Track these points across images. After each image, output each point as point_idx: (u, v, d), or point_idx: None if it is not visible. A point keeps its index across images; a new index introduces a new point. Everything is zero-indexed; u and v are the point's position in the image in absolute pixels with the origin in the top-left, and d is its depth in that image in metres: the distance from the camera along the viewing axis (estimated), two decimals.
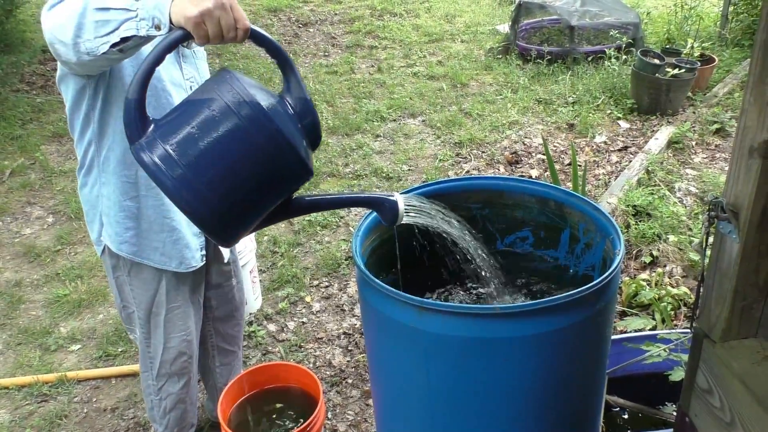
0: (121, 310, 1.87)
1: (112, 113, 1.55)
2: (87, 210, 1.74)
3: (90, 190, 1.69)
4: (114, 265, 1.77)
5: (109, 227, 1.69)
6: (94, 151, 1.62)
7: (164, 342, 1.86)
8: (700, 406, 1.48)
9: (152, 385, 1.94)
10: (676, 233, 3.11)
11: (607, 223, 1.43)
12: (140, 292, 1.79)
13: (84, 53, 1.27)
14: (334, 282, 3.20)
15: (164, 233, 1.71)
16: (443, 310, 1.18)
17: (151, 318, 1.83)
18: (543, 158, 4.35)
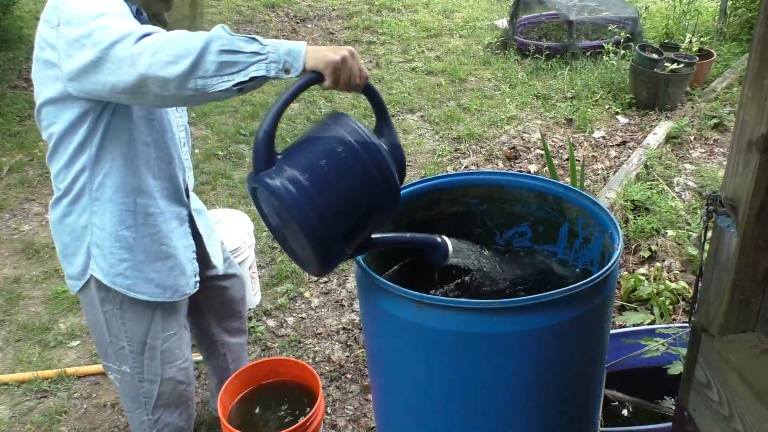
0: (107, 347, 1.72)
1: (114, 138, 1.51)
2: (67, 242, 1.60)
3: (76, 220, 1.57)
4: (103, 299, 1.64)
5: (101, 259, 1.59)
6: (86, 177, 1.52)
7: (161, 374, 1.76)
8: (698, 400, 1.48)
9: (147, 421, 1.81)
10: (675, 228, 3.12)
11: (605, 217, 1.43)
12: (133, 325, 1.68)
13: (190, 89, 1.26)
14: (333, 277, 3.20)
15: (159, 262, 1.65)
16: (442, 305, 1.18)
17: (145, 351, 1.71)
18: (541, 153, 4.35)
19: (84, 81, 1.37)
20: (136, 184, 1.56)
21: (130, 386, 1.77)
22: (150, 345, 1.71)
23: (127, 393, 1.79)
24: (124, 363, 1.72)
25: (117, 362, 1.73)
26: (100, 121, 1.48)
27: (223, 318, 2.08)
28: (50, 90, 1.46)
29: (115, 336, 1.69)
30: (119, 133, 1.51)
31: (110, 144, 1.51)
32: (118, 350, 1.71)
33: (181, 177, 1.70)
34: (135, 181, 1.56)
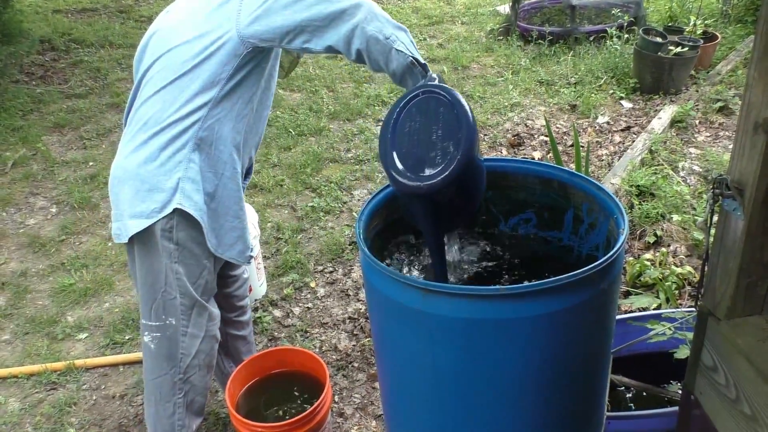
0: (156, 299, 1.76)
1: (241, 91, 1.66)
2: (147, 179, 1.66)
3: (172, 155, 1.65)
4: (164, 248, 1.70)
5: (195, 193, 1.68)
6: (203, 114, 1.63)
7: (205, 330, 1.84)
8: (705, 383, 1.48)
9: (178, 382, 1.85)
10: (680, 212, 3.11)
11: (610, 202, 1.42)
12: (188, 279, 1.75)
13: (379, 51, 1.52)
14: (339, 267, 3.20)
15: (230, 218, 1.76)
16: (448, 292, 1.18)
17: (195, 306, 1.79)
18: (545, 140, 4.33)
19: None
20: (235, 140, 1.71)
21: (171, 341, 1.81)
22: (199, 302, 1.80)
23: (165, 351, 1.83)
24: (171, 315, 1.78)
25: (164, 315, 1.78)
26: (240, 71, 1.63)
27: (227, 311, 2.10)
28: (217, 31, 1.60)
29: (170, 285, 1.75)
30: (245, 89, 1.67)
31: (235, 94, 1.66)
32: (168, 300, 1.76)
33: (251, 155, 1.88)
34: (236, 136, 1.71)
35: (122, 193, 1.71)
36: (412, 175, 1.33)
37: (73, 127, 4.86)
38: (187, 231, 1.70)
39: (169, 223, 1.68)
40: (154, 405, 1.89)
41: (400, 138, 1.38)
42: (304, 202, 3.79)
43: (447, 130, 1.33)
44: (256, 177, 4.04)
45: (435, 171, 1.31)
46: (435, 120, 1.35)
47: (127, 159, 1.69)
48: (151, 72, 1.69)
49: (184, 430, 1.91)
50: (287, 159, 4.28)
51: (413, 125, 1.37)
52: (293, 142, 4.50)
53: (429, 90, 1.39)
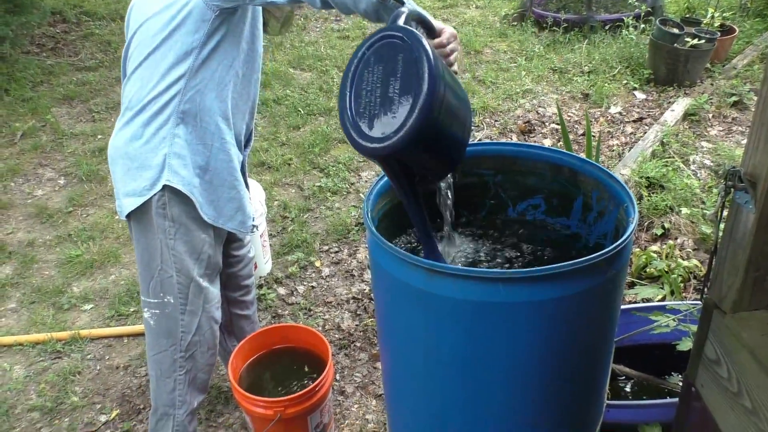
0: (153, 277, 1.76)
1: (218, 57, 1.62)
2: (136, 156, 1.65)
3: (155, 132, 1.63)
4: (159, 225, 1.70)
5: (183, 169, 1.66)
6: (181, 86, 1.61)
7: (202, 309, 1.82)
8: (706, 376, 1.48)
9: (179, 359, 1.85)
10: (689, 206, 3.09)
11: (621, 191, 1.41)
12: (183, 258, 1.74)
13: None
14: (344, 248, 3.21)
15: (226, 189, 1.74)
16: (453, 274, 1.18)
17: (191, 285, 1.78)
18: (556, 128, 4.30)
19: None
20: (221, 109, 1.68)
21: (170, 319, 1.81)
22: (196, 282, 1.78)
23: (164, 328, 1.82)
24: (168, 293, 1.78)
25: (161, 293, 1.78)
26: (213, 37, 1.59)
27: (231, 290, 2.11)
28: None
29: (165, 264, 1.74)
30: (224, 55, 1.63)
31: (213, 62, 1.62)
32: (165, 279, 1.76)
33: (246, 122, 1.83)
34: (221, 105, 1.67)
35: (115, 171, 1.72)
36: (368, 135, 1.19)
37: (83, 99, 4.85)
38: (180, 207, 1.70)
39: (162, 199, 1.67)
40: (155, 379, 1.90)
41: (357, 92, 1.23)
42: (312, 181, 3.79)
43: (405, 81, 1.16)
44: (263, 155, 4.04)
45: (390, 131, 1.15)
46: (393, 70, 1.19)
47: (116, 137, 1.70)
48: (132, 47, 1.70)
49: (185, 405, 1.92)
50: (296, 138, 4.27)
51: (371, 77, 1.22)
52: (302, 121, 4.48)
53: (387, 34, 1.21)
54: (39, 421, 2.29)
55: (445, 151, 1.28)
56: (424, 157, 1.26)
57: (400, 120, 1.15)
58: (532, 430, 1.40)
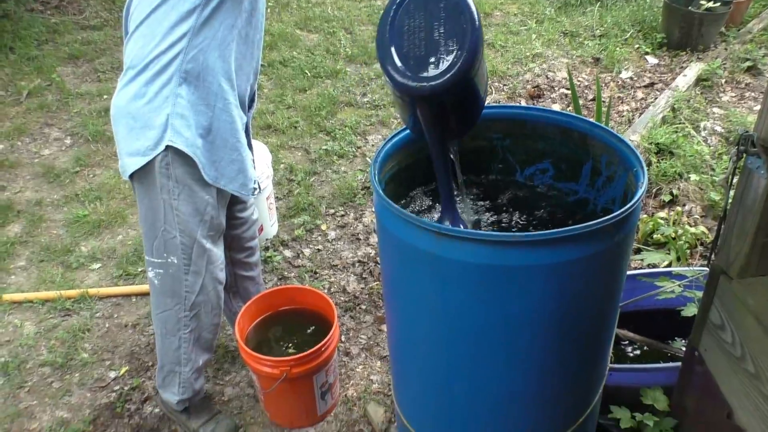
0: (157, 237, 1.77)
1: (220, 17, 1.61)
2: (138, 116, 1.64)
3: (158, 91, 1.62)
4: (163, 185, 1.69)
5: (185, 129, 1.64)
6: (183, 46, 1.59)
7: (205, 270, 1.83)
8: (710, 340, 1.49)
9: (184, 318, 1.87)
10: (698, 173, 3.07)
11: (631, 155, 1.40)
12: (186, 219, 1.74)
13: None
14: (350, 211, 3.21)
15: (228, 151, 1.73)
16: (461, 237, 1.18)
17: (195, 246, 1.78)
18: (566, 93, 4.25)
19: None
20: (224, 69, 1.66)
21: (174, 279, 1.82)
22: (199, 242, 1.79)
23: (169, 288, 1.84)
24: (172, 254, 1.78)
25: (165, 253, 1.79)
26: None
27: (236, 252, 2.12)
28: None
29: (169, 224, 1.75)
30: (226, 15, 1.62)
31: (215, 21, 1.60)
32: (169, 240, 1.77)
33: (250, 83, 1.81)
34: (224, 65, 1.66)
35: (118, 131, 1.70)
36: (414, 75, 1.25)
37: (88, 59, 4.81)
38: (183, 167, 1.69)
39: (165, 160, 1.66)
40: (161, 337, 1.93)
41: (398, 37, 1.29)
42: (318, 145, 3.77)
43: (450, 27, 1.24)
44: (270, 118, 4.01)
45: (439, 71, 1.22)
46: (436, 17, 1.27)
47: (118, 96, 1.68)
48: (133, 5, 1.68)
49: (190, 363, 1.96)
50: (302, 101, 4.23)
51: (412, 23, 1.29)
52: (309, 83, 4.44)
53: None
54: (50, 376, 2.34)
55: (479, 97, 1.37)
56: (461, 103, 1.33)
57: (450, 59, 1.22)
58: (536, 392, 1.42)
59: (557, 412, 1.51)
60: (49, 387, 2.30)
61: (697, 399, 1.62)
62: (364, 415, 2.13)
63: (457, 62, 1.21)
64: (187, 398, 2.00)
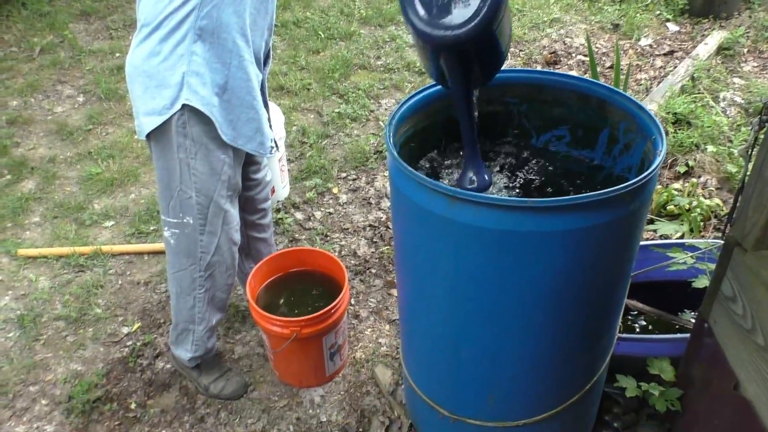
0: (173, 197, 1.76)
1: None
2: (154, 75, 1.63)
3: (173, 49, 1.60)
4: (180, 144, 1.68)
5: (201, 87, 1.63)
6: (196, 3, 1.56)
7: (220, 230, 1.84)
8: (721, 312, 1.49)
9: (198, 278, 1.89)
10: (716, 144, 3.02)
11: (650, 123, 1.37)
12: (203, 179, 1.73)
13: None
14: (362, 175, 3.20)
15: (245, 109, 1.72)
16: (475, 201, 1.17)
17: (211, 205, 1.78)
18: (583, 59, 4.17)
19: None
20: (239, 25, 1.63)
21: (189, 239, 1.83)
22: (215, 202, 1.79)
23: (184, 248, 1.85)
24: (188, 214, 1.79)
25: (181, 213, 1.79)
26: None
27: (249, 213, 2.12)
28: None
29: (185, 184, 1.75)
30: None
31: None
32: (184, 200, 1.77)
33: (265, 39, 1.78)
34: (238, 20, 1.63)
35: (134, 90, 1.69)
36: (436, 23, 1.21)
37: (100, 16, 4.77)
38: (200, 126, 1.68)
39: (182, 118, 1.66)
40: (176, 296, 1.95)
41: None
42: (331, 107, 3.74)
43: None
44: (282, 79, 3.98)
45: (463, 19, 1.18)
46: None
47: (133, 55, 1.66)
48: None
49: (204, 322, 1.98)
50: (315, 63, 4.19)
51: None
52: (322, 45, 4.39)
53: None
54: (64, 330, 2.38)
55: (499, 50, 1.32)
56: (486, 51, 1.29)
57: (475, 6, 1.18)
58: (544, 358, 1.43)
59: (564, 379, 1.52)
60: (64, 340, 2.34)
61: (704, 370, 1.62)
62: (371, 377, 2.16)
63: (481, 11, 1.17)
64: (199, 356, 2.04)
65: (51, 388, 2.16)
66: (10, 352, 2.30)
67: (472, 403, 1.58)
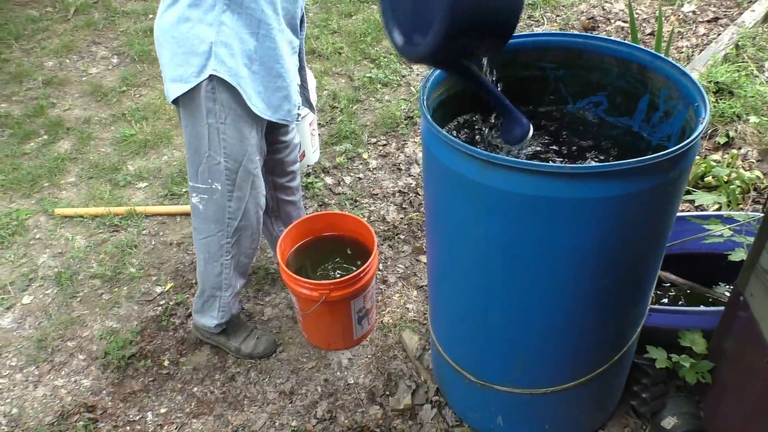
0: (201, 163, 1.77)
1: None
2: (183, 41, 1.61)
3: (202, 17, 1.58)
4: (209, 110, 1.68)
5: (230, 58, 1.62)
6: None
7: (248, 195, 1.84)
8: (758, 286, 1.46)
9: (226, 244, 1.91)
10: (758, 115, 2.92)
11: (693, 89, 1.33)
12: (233, 143, 1.73)
13: None
14: (392, 141, 3.18)
15: (272, 78, 1.70)
16: (508, 166, 1.15)
17: (240, 170, 1.79)
18: (622, 26, 4.05)
19: None
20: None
21: (217, 205, 1.84)
22: (245, 166, 1.79)
23: (212, 214, 1.86)
24: (216, 180, 1.79)
25: (209, 179, 1.79)
26: None
27: (278, 176, 2.13)
28: None
29: (214, 150, 1.75)
30: None
31: None
32: (213, 165, 1.77)
33: (299, 4, 1.75)
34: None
35: (162, 54, 1.68)
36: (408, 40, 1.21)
37: None
38: (228, 92, 1.67)
39: (210, 84, 1.65)
40: (203, 262, 1.98)
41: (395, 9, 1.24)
42: (362, 72, 3.71)
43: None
44: (314, 43, 3.95)
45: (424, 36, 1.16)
46: None
47: (162, 18, 1.65)
48: None
49: (230, 288, 2.01)
50: (347, 26, 4.14)
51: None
52: (354, 8, 4.33)
53: None
54: (100, 288, 2.45)
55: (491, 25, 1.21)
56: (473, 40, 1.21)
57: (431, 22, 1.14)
58: (574, 326, 1.42)
59: (593, 349, 1.52)
60: (99, 298, 2.41)
61: (737, 343, 1.60)
62: (398, 342, 2.18)
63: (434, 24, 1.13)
64: (225, 321, 2.08)
65: (88, 344, 2.23)
66: (48, 308, 2.37)
67: (500, 370, 1.58)
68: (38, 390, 2.08)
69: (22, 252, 2.62)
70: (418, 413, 1.92)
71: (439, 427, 1.87)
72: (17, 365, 2.17)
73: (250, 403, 2.01)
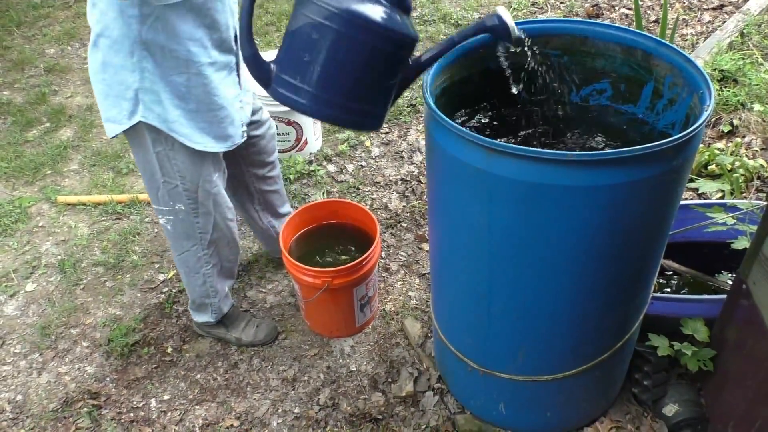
0: (159, 188, 1.74)
1: None
2: (111, 84, 1.54)
3: (124, 62, 1.50)
4: (154, 140, 1.63)
5: (156, 105, 1.56)
6: (138, 16, 1.44)
7: (214, 211, 1.83)
8: (760, 273, 1.46)
9: (203, 257, 1.91)
10: (763, 103, 2.90)
11: (698, 76, 1.32)
12: (186, 167, 1.70)
13: None
14: (395, 129, 3.17)
15: (211, 113, 1.64)
16: (513, 154, 1.15)
17: (199, 190, 1.76)
18: (627, 13, 4.02)
19: None
20: (186, 30, 1.50)
21: (185, 223, 1.82)
22: (202, 187, 1.76)
23: (182, 232, 1.85)
24: (178, 201, 1.77)
25: (171, 202, 1.77)
26: None
27: (257, 167, 2.07)
28: None
29: (168, 175, 1.71)
30: None
31: None
32: (171, 189, 1.74)
33: (231, 23, 1.62)
34: (185, 26, 1.49)
35: (96, 93, 1.60)
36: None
37: None
38: None
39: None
40: (185, 276, 1.98)
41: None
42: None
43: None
44: None
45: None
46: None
47: (90, 58, 1.56)
48: None
49: (218, 294, 2.03)
50: None
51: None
52: None
53: None
54: (103, 275, 2.45)
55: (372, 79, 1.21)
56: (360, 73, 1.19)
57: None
58: (576, 314, 1.42)
59: (596, 336, 1.52)
60: (103, 285, 2.41)
61: (739, 331, 1.60)
62: (401, 329, 2.18)
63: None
64: (220, 317, 2.11)
65: (91, 331, 2.24)
66: (51, 295, 2.38)
67: (502, 357, 1.59)
68: (42, 377, 2.09)
69: (25, 240, 2.62)
70: (420, 400, 1.93)
71: (441, 414, 1.88)
72: (21, 352, 2.18)
73: (252, 390, 2.02)
